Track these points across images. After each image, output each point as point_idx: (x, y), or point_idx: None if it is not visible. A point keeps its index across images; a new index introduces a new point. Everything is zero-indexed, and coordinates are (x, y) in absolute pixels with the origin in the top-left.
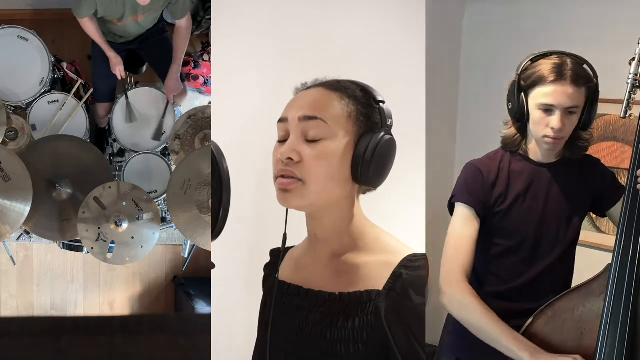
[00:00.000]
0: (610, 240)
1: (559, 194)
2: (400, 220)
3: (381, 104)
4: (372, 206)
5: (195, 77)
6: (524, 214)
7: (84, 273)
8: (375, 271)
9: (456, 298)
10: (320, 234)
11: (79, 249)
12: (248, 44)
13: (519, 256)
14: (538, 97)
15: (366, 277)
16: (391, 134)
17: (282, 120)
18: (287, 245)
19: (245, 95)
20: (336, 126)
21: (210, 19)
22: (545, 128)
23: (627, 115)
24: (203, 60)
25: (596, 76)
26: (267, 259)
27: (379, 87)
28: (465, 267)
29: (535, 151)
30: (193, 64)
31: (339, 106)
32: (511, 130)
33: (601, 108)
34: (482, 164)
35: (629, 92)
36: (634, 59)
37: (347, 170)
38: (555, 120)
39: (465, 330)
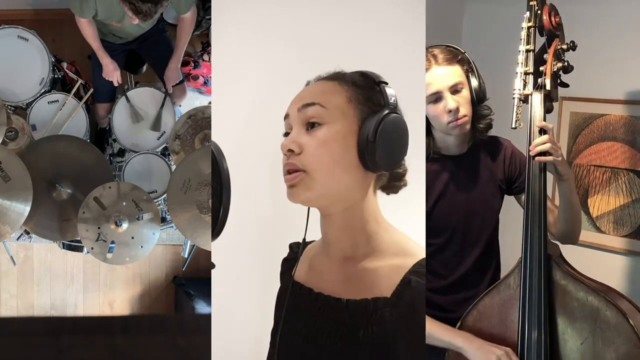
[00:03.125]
0: (609, 240)
1: (477, 181)
2: (401, 220)
3: (382, 85)
4: None
5: (195, 77)
6: (448, 210)
7: (84, 273)
8: (385, 276)
9: None
10: (331, 233)
11: (79, 249)
12: (248, 43)
13: (451, 250)
14: None
15: (376, 282)
16: (397, 112)
17: (285, 117)
18: (309, 241)
19: (245, 95)
20: (336, 111)
21: (210, 19)
22: (444, 116)
23: (516, 126)
24: (203, 60)
25: (463, 51)
26: (267, 259)
27: None
28: None
29: (445, 146)
30: (193, 64)
31: (337, 92)
32: None
33: (601, 108)
34: None
35: (517, 106)
36: (516, 76)
37: (354, 157)
38: (448, 102)
39: None
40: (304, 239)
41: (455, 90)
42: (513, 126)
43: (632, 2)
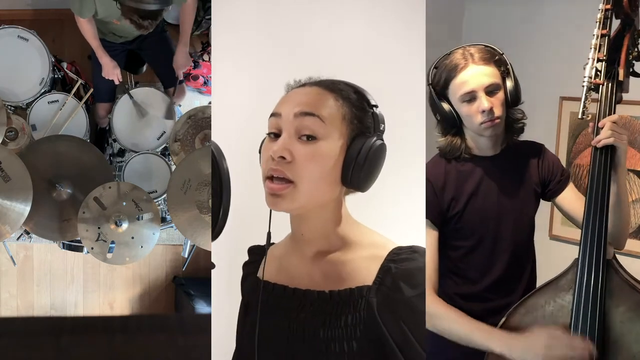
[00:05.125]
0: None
1: (509, 184)
2: (400, 220)
3: (374, 109)
4: (372, 206)
5: (195, 77)
6: (479, 211)
7: (84, 273)
8: (363, 267)
9: (427, 313)
10: (307, 234)
11: (79, 249)
12: (248, 43)
13: (482, 254)
14: (456, 91)
15: (354, 273)
16: (382, 140)
17: (274, 114)
18: (269, 243)
19: (246, 95)
20: (331, 126)
21: (210, 19)
22: (477, 116)
23: (584, 116)
24: (203, 60)
25: (500, 52)
26: None
27: (379, 87)
28: (431, 279)
29: (478, 146)
30: (193, 64)
31: (334, 106)
32: (447, 139)
33: None
34: (428, 172)
35: (585, 95)
36: (587, 62)
37: (338, 172)
38: (482, 102)
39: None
40: (269, 238)
41: (490, 91)
42: (580, 117)
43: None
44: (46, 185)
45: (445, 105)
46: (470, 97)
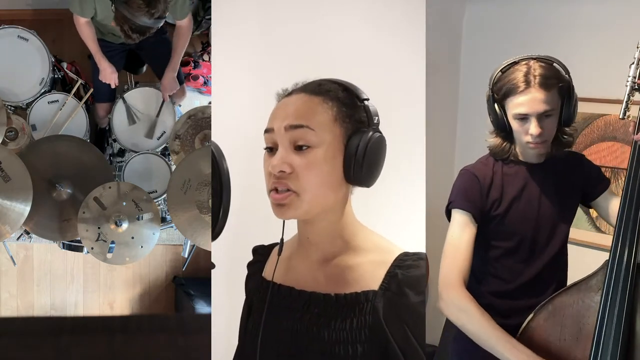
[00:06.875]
0: (610, 240)
1: (551, 192)
2: (400, 220)
3: (365, 102)
4: (372, 207)
5: (195, 77)
6: (520, 215)
7: (84, 273)
8: (369, 271)
9: (454, 304)
10: (313, 237)
11: (79, 249)
12: (248, 43)
13: (518, 256)
14: (512, 107)
15: (360, 277)
16: (380, 132)
17: (267, 130)
18: (273, 243)
19: (246, 95)
20: (323, 132)
21: (210, 19)
22: (525, 135)
23: (625, 117)
24: (203, 60)
25: (567, 72)
26: None
27: (379, 88)
28: (464, 272)
29: (524, 154)
30: (193, 64)
31: (323, 111)
32: (497, 140)
33: (601, 108)
34: (478, 170)
35: (628, 94)
36: (633, 62)
37: (339, 173)
38: (532, 127)
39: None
40: (282, 241)
41: (545, 116)
42: (621, 117)
43: (633, 2)
44: (46, 185)
45: (500, 112)
46: (523, 117)
